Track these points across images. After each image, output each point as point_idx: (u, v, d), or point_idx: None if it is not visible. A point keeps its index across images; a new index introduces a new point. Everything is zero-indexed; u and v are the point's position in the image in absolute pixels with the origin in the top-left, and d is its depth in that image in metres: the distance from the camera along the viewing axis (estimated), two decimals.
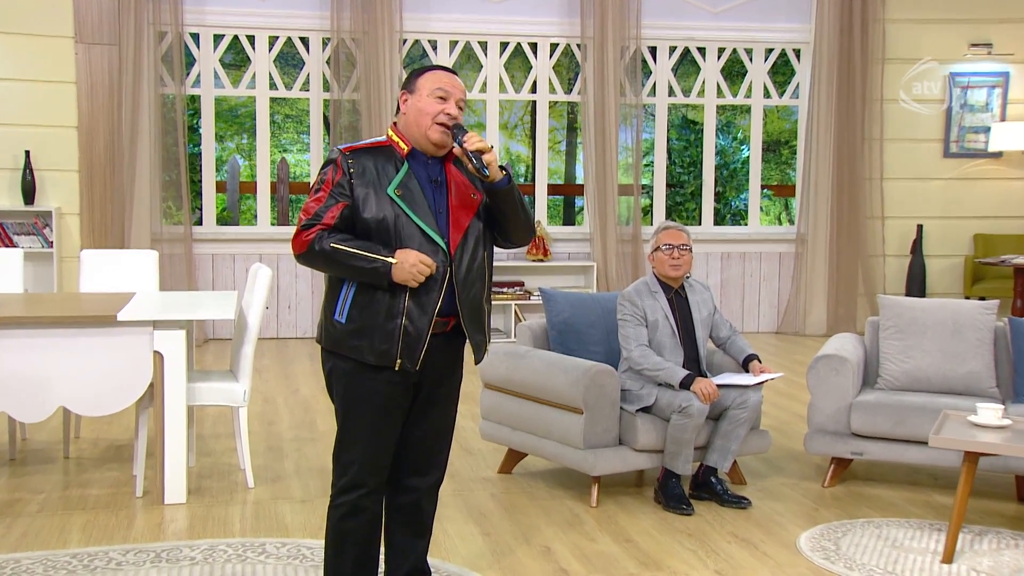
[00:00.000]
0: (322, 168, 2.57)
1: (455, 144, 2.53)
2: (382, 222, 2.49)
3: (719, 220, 10.81)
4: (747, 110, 9.43)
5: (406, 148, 2.58)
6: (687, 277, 4.10)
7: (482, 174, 2.49)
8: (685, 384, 3.78)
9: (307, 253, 2.50)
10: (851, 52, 8.18)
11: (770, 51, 8.50)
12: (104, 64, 7.28)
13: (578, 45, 8.13)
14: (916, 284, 8.35)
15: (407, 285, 2.47)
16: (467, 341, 2.62)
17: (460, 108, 2.60)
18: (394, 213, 2.50)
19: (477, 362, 2.65)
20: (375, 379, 2.54)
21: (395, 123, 2.65)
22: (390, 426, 2.58)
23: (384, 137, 2.64)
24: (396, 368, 2.52)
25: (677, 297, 4.04)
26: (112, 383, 3.73)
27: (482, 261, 2.60)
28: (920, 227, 8.42)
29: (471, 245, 2.56)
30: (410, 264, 2.46)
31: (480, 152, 2.50)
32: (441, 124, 2.55)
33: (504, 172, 2.56)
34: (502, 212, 2.59)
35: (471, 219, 2.57)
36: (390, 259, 2.46)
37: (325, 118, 8.31)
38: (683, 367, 3.91)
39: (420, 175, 2.56)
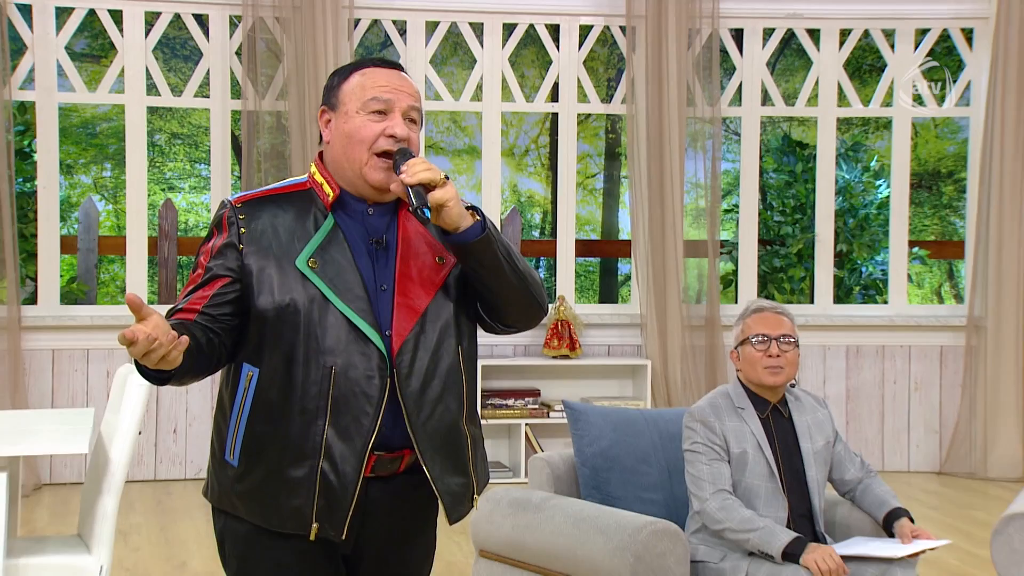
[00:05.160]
0: (207, 235, 2.61)
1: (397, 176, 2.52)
2: (287, 310, 2.50)
3: (843, 296, 10.85)
4: (886, 125, 9.53)
5: (332, 193, 2.60)
6: (792, 385, 4.12)
7: (420, 215, 2.48)
8: (792, 554, 3.77)
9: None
10: None
11: (923, 33, 8.63)
12: None
13: (622, 27, 8.29)
14: None
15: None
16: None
17: (413, 121, 2.61)
18: (307, 296, 2.51)
19: (453, 520, 2.64)
20: (282, 551, 2.56)
21: (321, 153, 2.68)
22: None
23: (304, 177, 2.67)
24: (311, 537, 2.53)
25: (776, 417, 4.05)
26: None
27: (454, 362, 2.60)
28: None
29: (432, 339, 2.57)
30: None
31: (425, 185, 2.49)
32: (383, 155, 2.56)
33: (475, 216, 2.55)
34: (481, 280, 2.59)
35: (432, 298, 2.58)
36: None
37: (234, 138, 8.45)
38: (787, 526, 3.90)
39: (353, 234, 2.58)
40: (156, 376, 2.38)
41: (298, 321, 2.50)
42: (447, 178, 2.51)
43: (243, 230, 2.55)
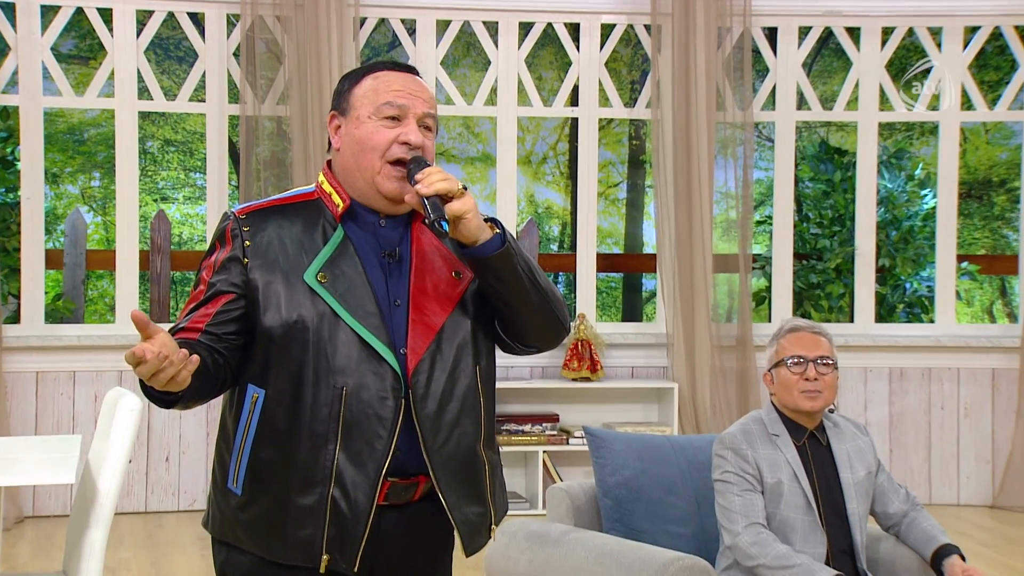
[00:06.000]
0: (208, 248, 2.63)
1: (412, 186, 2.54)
2: (294, 328, 2.52)
3: (885, 314, 10.82)
4: (932, 130, 9.51)
5: (342, 204, 2.62)
6: (830, 411, 4.11)
7: (437, 228, 2.49)
8: None
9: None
10: None
11: (973, 31, 8.61)
12: None
13: (647, 26, 8.30)
14: None
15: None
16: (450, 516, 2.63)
17: (428, 128, 2.64)
18: (317, 313, 2.52)
19: (469, 552, 2.65)
20: None
21: (329, 162, 2.71)
22: None
23: (312, 187, 2.69)
24: (321, 570, 2.53)
25: (813, 444, 4.04)
26: None
27: (472, 383, 2.62)
28: None
29: (449, 358, 2.58)
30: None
31: (442, 196, 2.50)
32: (397, 163, 2.58)
33: (495, 229, 2.58)
34: (499, 296, 2.61)
35: (448, 315, 2.59)
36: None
37: (232, 146, 8.47)
38: (826, 562, 3.89)
39: (365, 247, 2.60)
40: (162, 398, 2.40)
41: (307, 339, 2.51)
42: (465, 188, 2.52)
43: (248, 243, 2.56)
